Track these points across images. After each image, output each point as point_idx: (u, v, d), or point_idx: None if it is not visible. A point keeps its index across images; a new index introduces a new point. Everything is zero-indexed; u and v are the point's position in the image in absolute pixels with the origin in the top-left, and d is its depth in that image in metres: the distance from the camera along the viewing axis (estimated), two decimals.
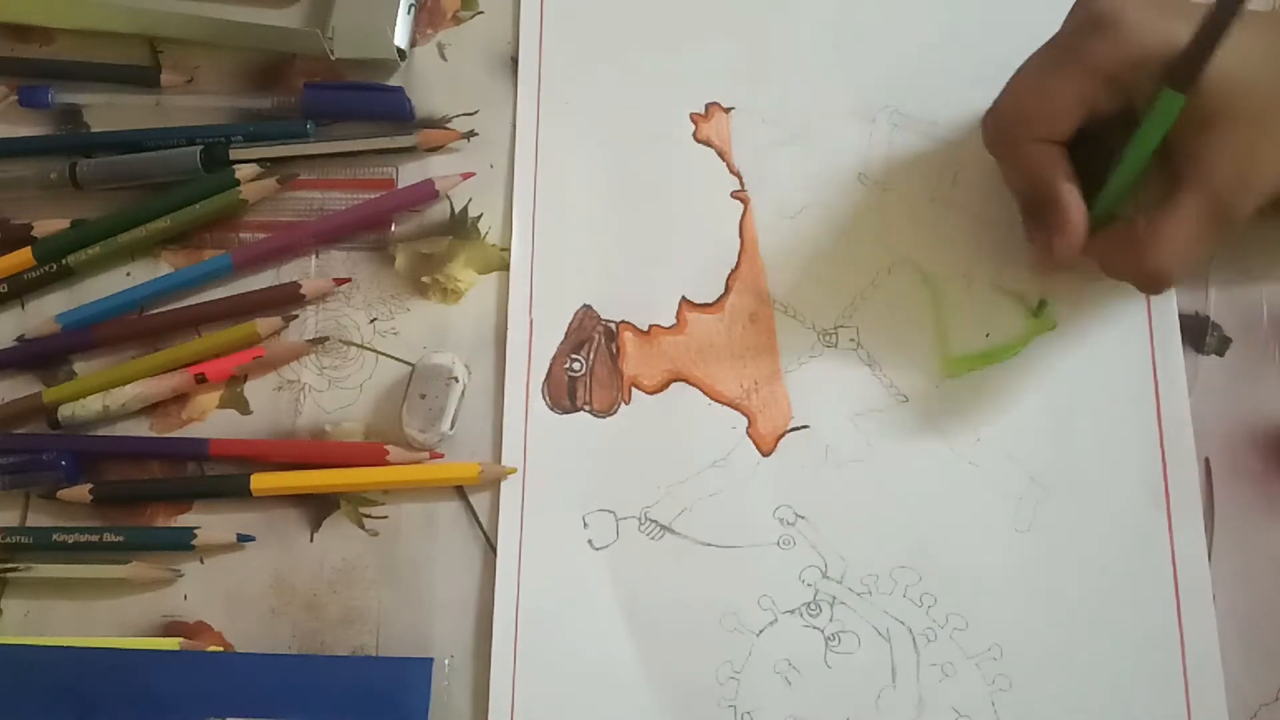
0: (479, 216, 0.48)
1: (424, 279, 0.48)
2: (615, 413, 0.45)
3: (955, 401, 0.44)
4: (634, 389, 0.46)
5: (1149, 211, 0.39)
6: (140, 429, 0.47)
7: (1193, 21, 0.36)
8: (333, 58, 0.50)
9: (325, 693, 0.42)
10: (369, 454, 0.45)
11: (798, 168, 0.48)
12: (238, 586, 0.45)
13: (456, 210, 0.49)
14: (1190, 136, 0.38)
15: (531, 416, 0.45)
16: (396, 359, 0.47)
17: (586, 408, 0.46)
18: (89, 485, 0.46)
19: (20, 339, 0.49)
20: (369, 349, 0.47)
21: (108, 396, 0.46)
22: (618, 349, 0.46)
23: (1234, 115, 0.37)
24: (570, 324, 0.47)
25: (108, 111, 0.52)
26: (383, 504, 0.45)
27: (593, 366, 0.46)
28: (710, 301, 0.46)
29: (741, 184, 0.48)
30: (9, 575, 0.45)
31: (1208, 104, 0.37)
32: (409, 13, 0.50)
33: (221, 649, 0.44)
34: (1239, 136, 0.37)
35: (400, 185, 0.49)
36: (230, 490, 0.45)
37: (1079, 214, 0.39)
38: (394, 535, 0.45)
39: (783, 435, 0.45)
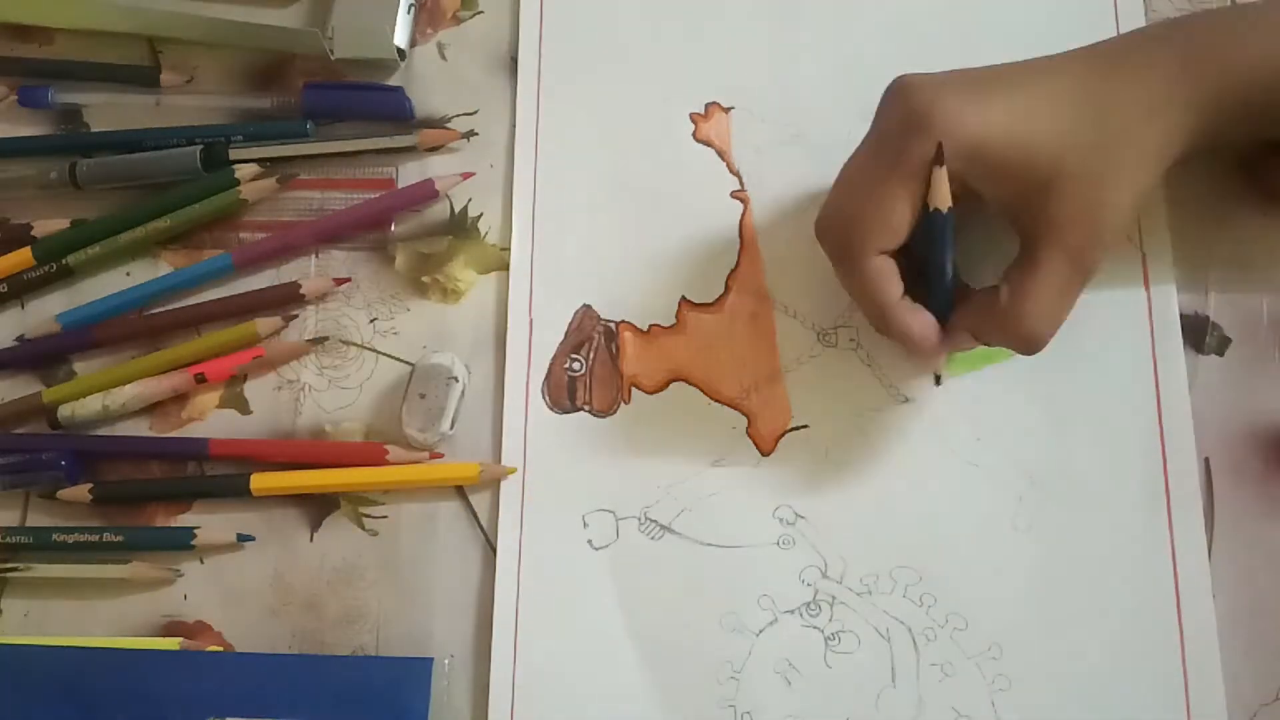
0: (479, 216, 0.49)
1: (424, 279, 0.48)
2: (615, 413, 0.45)
3: (955, 401, 0.44)
4: (634, 389, 0.46)
5: (1007, 277, 0.39)
6: (140, 429, 0.47)
7: (1002, 94, 0.37)
8: (333, 58, 0.50)
9: (325, 693, 0.42)
10: (369, 454, 0.45)
11: (798, 168, 0.48)
12: (237, 586, 0.45)
13: (456, 210, 0.49)
14: (1034, 201, 0.38)
15: (531, 416, 0.45)
16: (396, 359, 0.47)
17: (586, 408, 0.46)
18: (89, 485, 0.46)
19: (20, 339, 0.49)
20: (369, 349, 0.47)
21: (108, 396, 0.46)
22: (618, 349, 0.46)
23: (1067, 173, 0.37)
24: (570, 324, 0.47)
25: (108, 111, 0.52)
26: (383, 504, 0.45)
27: (593, 366, 0.46)
28: (710, 301, 0.46)
29: (741, 184, 0.48)
30: (9, 575, 0.45)
31: (1039, 168, 0.37)
32: (409, 13, 0.50)
33: (221, 649, 0.44)
34: (1079, 192, 0.37)
35: (400, 185, 0.49)
36: (230, 490, 0.45)
37: (923, 327, 0.39)
38: (394, 535, 0.45)
39: (783, 435, 0.45)
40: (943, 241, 0.39)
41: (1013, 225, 0.39)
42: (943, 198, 0.37)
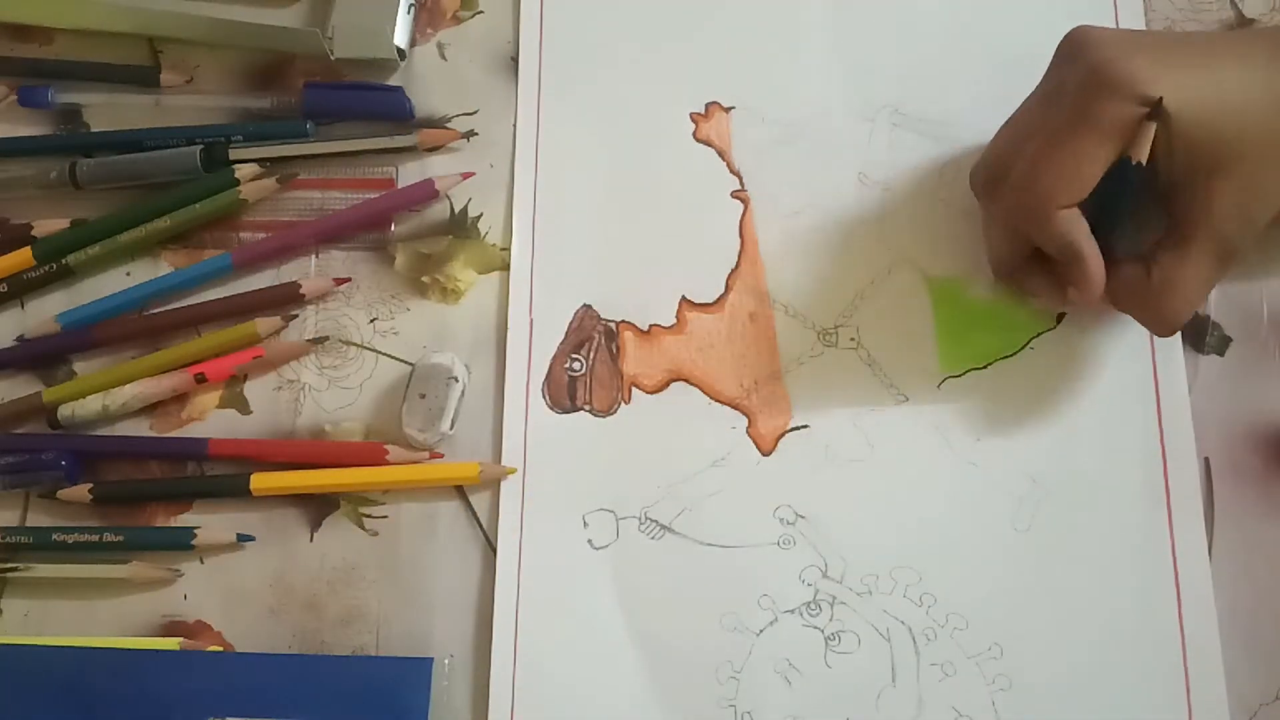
0: (479, 216, 0.48)
1: (424, 279, 0.48)
2: (615, 412, 0.45)
3: (955, 401, 0.44)
4: (634, 389, 0.46)
5: (1153, 254, 0.39)
6: (140, 429, 0.47)
7: (1195, 65, 0.37)
8: (333, 57, 0.50)
9: (325, 693, 0.42)
10: (369, 454, 0.45)
11: (798, 168, 0.48)
12: (238, 586, 0.45)
13: (456, 210, 0.49)
14: (1198, 179, 0.38)
15: (531, 416, 0.45)
16: (396, 359, 0.47)
17: (586, 407, 0.46)
18: (89, 485, 0.46)
19: (20, 339, 0.49)
20: (369, 349, 0.47)
21: (107, 396, 0.46)
22: (618, 349, 0.46)
23: (1243, 159, 0.37)
24: (570, 324, 0.47)
25: (108, 111, 0.52)
26: (383, 504, 0.45)
27: (593, 366, 0.46)
28: (710, 301, 0.46)
29: (741, 184, 0.48)
30: (9, 575, 0.45)
31: (1219, 149, 0.37)
32: (409, 12, 0.50)
33: (221, 649, 0.44)
34: (1247, 179, 0.37)
35: (400, 185, 0.49)
36: (230, 490, 0.45)
37: (1100, 271, 0.39)
38: (394, 535, 0.45)
39: (783, 435, 0.45)
40: (1123, 196, 0.39)
41: (1167, 198, 0.39)
42: (1142, 152, 0.37)
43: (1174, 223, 0.39)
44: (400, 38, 0.50)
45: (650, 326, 0.46)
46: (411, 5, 0.50)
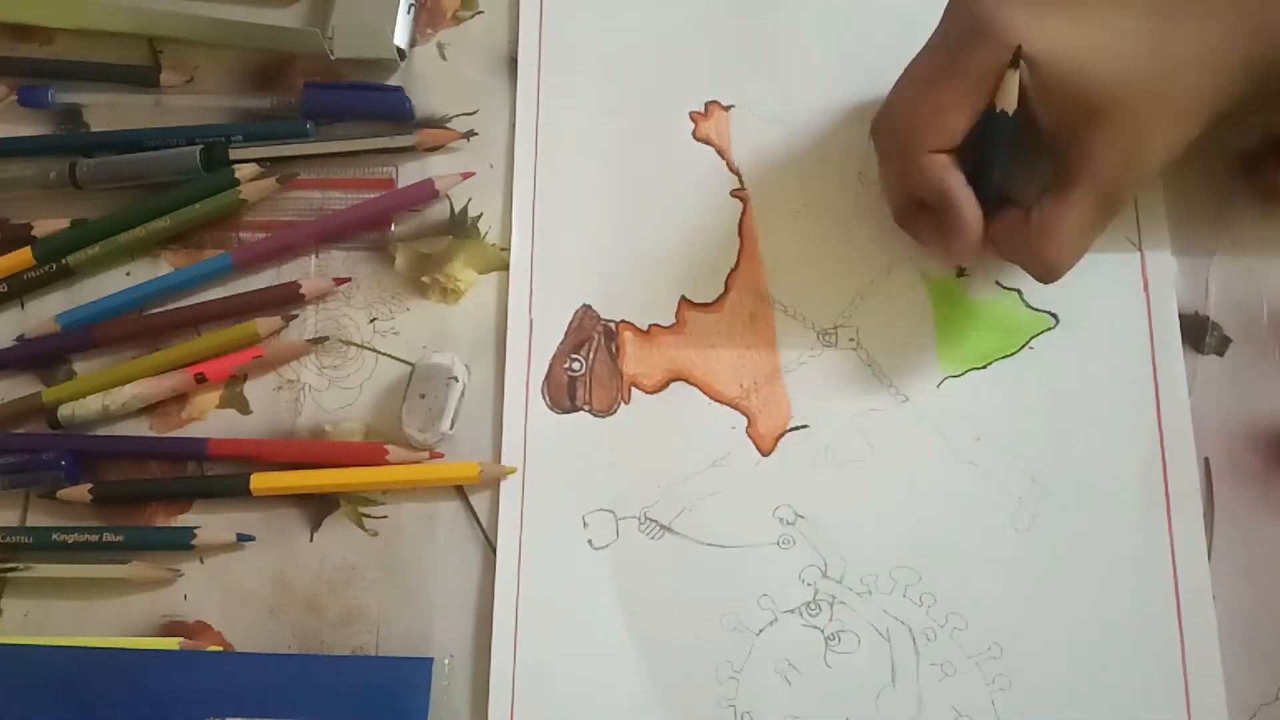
0: (479, 216, 0.49)
1: (424, 279, 0.48)
2: (615, 412, 0.45)
3: (955, 401, 0.44)
4: (634, 389, 0.46)
5: (1037, 200, 0.40)
6: (140, 429, 0.47)
7: (1069, 15, 0.37)
8: (333, 57, 0.50)
9: (325, 693, 0.42)
10: (369, 454, 0.45)
11: (798, 167, 0.48)
12: (237, 586, 0.45)
13: (456, 210, 0.49)
14: (1077, 128, 0.38)
15: (531, 416, 0.45)
16: (396, 359, 0.47)
17: (586, 407, 0.46)
18: (89, 485, 0.46)
19: (20, 339, 0.49)
20: (369, 349, 0.47)
21: (107, 396, 0.46)
22: (617, 348, 0.46)
23: (1120, 107, 0.37)
24: (570, 324, 0.47)
25: (108, 111, 0.52)
26: (383, 504, 0.45)
27: (593, 366, 0.46)
28: (710, 301, 0.46)
29: (741, 183, 0.48)
30: (9, 575, 0.45)
31: (1095, 97, 0.37)
32: (409, 12, 0.50)
33: (221, 649, 0.44)
34: (1126, 127, 0.38)
35: (400, 185, 0.49)
36: (230, 490, 0.45)
37: (974, 218, 0.40)
38: (394, 535, 0.45)
39: (782, 435, 0.45)
40: (997, 144, 0.39)
41: (1051, 148, 0.40)
42: (1009, 100, 0.38)
43: (1057, 170, 0.40)
44: (400, 38, 0.50)
45: (650, 326, 0.46)
46: (411, 5, 0.50)
